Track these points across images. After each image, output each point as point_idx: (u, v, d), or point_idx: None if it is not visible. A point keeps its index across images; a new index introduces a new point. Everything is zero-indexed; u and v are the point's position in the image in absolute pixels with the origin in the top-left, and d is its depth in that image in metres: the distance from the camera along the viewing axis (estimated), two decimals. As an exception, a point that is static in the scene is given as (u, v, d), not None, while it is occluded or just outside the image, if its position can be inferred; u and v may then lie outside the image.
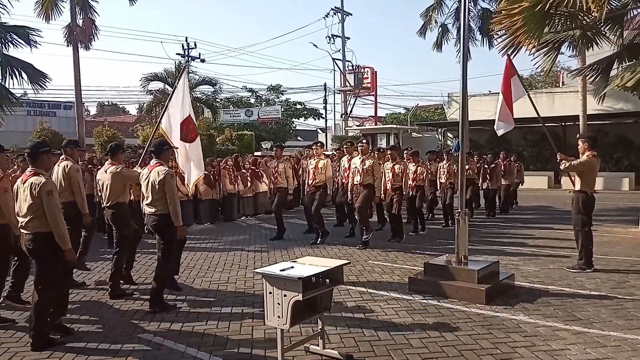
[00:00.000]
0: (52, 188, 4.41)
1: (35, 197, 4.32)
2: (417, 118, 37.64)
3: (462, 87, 6.09)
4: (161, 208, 5.33)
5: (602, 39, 9.68)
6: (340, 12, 31.66)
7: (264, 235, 10.26)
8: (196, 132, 6.99)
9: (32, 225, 4.36)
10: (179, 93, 6.88)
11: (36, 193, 4.32)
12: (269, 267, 3.94)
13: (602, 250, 7.79)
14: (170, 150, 5.91)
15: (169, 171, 5.39)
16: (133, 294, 5.95)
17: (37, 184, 4.33)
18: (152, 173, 5.42)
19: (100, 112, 56.80)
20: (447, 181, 10.92)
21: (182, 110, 6.80)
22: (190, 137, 6.79)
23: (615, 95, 17.29)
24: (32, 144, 4.77)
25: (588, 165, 6.67)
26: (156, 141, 6.00)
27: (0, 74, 12.53)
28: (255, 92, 39.33)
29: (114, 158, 6.27)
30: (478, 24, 22.20)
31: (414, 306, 5.32)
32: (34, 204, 4.33)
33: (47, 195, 4.32)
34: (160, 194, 5.31)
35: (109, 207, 6.15)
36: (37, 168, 4.48)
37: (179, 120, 6.74)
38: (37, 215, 4.34)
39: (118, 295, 5.82)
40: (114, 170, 6.10)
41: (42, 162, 4.53)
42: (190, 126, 6.82)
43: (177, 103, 6.85)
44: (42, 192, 4.31)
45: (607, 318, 4.85)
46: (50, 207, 4.31)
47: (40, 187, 4.32)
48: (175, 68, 26.01)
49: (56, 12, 17.47)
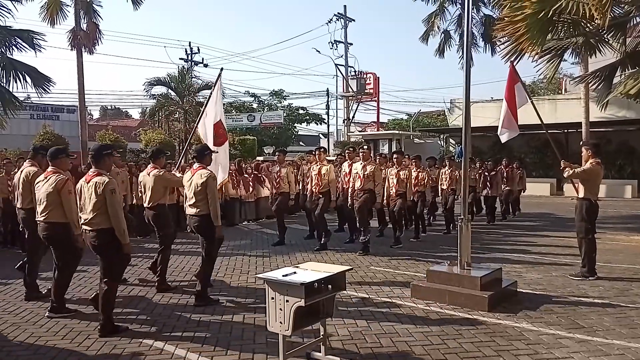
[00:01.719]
0: (114, 187, 4.74)
1: (99, 195, 4.66)
2: (420, 124, 37.61)
3: (465, 93, 6.08)
4: (203, 209, 5.63)
5: (605, 46, 9.67)
6: (343, 18, 31.75)
7: (266, 240, 10.25)
8: (225, 137, 7.36)
9: (96, 222, 4.70)
10: (214, 98, 7.22)
11: (100, 191, 4.65)
12: (271, 272, 3.93)
13: (605, 258, 7.76)
14: (211, 154, 6.12)
15: (211, 174, 5.71)
16: (176, 288, 6.44)
17: (101, 183, 4.68)
18: (195, 176, 5.72)
19: (103, 116, 56.92)
20: (448, 187, 10.91)
21: (214, 114, 7.15)
22: (220, 141, 7.12)
23: (618, 103, 17.28)
24: (96, 146, 5.09)
25: (592, 172, 6.65)
26: (198, 146, 6.30)
27: (4, 77, 12.59)
28: (258, 97, 39.37)
29: (156, 162, 6.60)
30: (481, 31, 22.25)
31: (416, 313, 5.30)
32: (98, 202, 4.67)
33: (110, 193, 4.67)
34: (202, 195, 5.61)
35: (149, 208, 6.46)
36: (100, 169, 4.83)
37: (212, 123, 7.07)
38: (100, 212, 4.67)
39: (164, 290, 6.26)
40: (156, 173, 6.42)
41: (104, 163, 4.88)
42: (220, 130, 7.16)
43: (211, 107, 7.17)
44: (106, 190, 4.66)
45: (611, 326, 4.83)
46: (113, 205, 4.67)
47: (105, 186, 4.67)
48: (178, 72, 26.13)
49: (61, 16, 17.56)
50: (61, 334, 4.80)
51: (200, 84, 26.48)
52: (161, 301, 5.90)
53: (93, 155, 4.89)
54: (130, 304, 5.74)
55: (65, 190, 5.22)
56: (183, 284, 6.67)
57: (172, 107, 25.54)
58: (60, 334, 4.79)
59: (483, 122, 21.47)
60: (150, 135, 20.29)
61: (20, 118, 20.52)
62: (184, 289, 6.43)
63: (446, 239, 10.08)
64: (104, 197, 4.64)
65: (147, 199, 6.46)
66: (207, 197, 5.60)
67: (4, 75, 12.58)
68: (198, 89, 25.86)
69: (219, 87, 7.49)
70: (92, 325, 4.95)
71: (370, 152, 9.02)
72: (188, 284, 6.63)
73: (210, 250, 5.77)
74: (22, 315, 5.38)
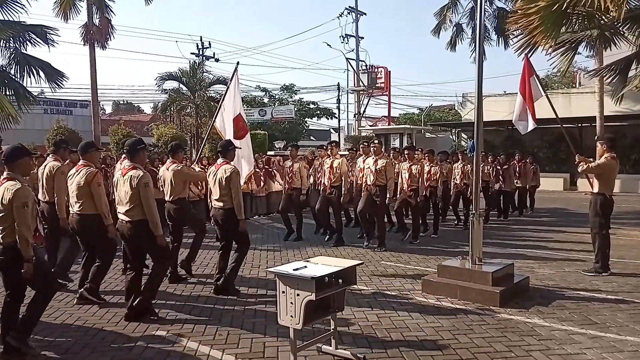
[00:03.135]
0: (148, 180, 4.88)
1: (134, 188, 4.81)
2: (431, 118, 37.43)
3: (477, 87, 6.03)
4: (228, 203, 5.77)
5: (620, 39, 9.51)
6: (354, 11, 31.58)
7: (277, 234, 10.28)
8: (246, 129, 7.43)
9: (132, 214, 4.87)
10: (231, 92, 7.29)
11: (135, 185, 4.81)
12: (282, 266, 3.95)
13: (618, 254, 7.67)
14: (235, 150, 6.21)
15: (234, 169, 5.86)
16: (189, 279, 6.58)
17: (136, 177, 4.83)
18: (219, 171, 5.85)
19: (115, 111, 57.31)
20: (461, 181, 10.85)
21: (233, 108, 7.22)
22: (241, 134, 7.21)
23: (633, 97, 17.04)
24: (131, 141, 5.20)
25: (607, 167, 6.57)
26: (223, 142, 6.37)
27: (19, 72, 12.70)
28: (269, 92, 39.40)
29: (175, 157, 6.66)
30: (493, 24, 22.01)
31: (427, 308, 5.29)
32: (133, 194, 4.83)
33: (145, 186, 4.82)
34: (227, 190, 5.74)
35: (171, 202, 6.56)
36: (135, 163, 4.97)
37: (231, 117, 7.15)
38: (136, 205, 4.84)
39: (177, 280, 6.42)
40: (175, 168, 6.51)
41: (139, 157, 5.04)
42: (240, 124, 7.25)
43: (229, 102, 7.25)
44: (140, 183, 4.81)
45: (624, 322, 4.78)
46: (147, 197, 4.82)
47: (139, 179, 4.82)
48: (190, 67, 26.19)
49: (74, 11, 17.66)
50: (106, 317, 5.06)
51: (212, 79, 26.55)
52: (175, 292, 5.97)
53: (128, 149, 5.03)
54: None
55: (95, 182, 5.36)
56: (197, 275, 6.71)
57: (183, 102, 25.62)
58: (106, 318, 5.05)
59: (495, 116, 21.28)
60: (162, 129, 20.33)
61: (34, 113, 20.84)
62: (199, 279, 6.54)
63: (457, 234, 10.03)
64: (138, 190, 4.80)
65: (168, 193, 6.58)
66: (230, 192, 5.72)
67: (18, 70, 12.69)
68: (209, 84, 25.91)
69: (236, 81, 7.54)
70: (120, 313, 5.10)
71: (381, 147, 8.96)
72: (203, 275, 6.74)
73: (241, 242, 5.93)
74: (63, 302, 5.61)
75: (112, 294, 5.83)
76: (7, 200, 3.98)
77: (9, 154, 4.19)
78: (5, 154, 4.24)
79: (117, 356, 4.14)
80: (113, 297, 5.71)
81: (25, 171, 4.30)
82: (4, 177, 4.14)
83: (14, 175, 4.11)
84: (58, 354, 4.18)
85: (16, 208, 3.96)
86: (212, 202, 6.03)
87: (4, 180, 4.11)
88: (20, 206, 3.96)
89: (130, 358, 4.11)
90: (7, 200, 3.98)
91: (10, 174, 4.12)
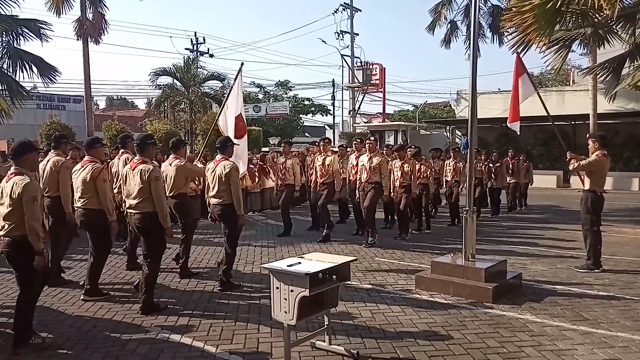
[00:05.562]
0: (158, 174, 5.01)
1: (144, 181, 4.92)
2: (426, 115, 37.46)
3: (471, 84, 6.05)
4: (226, 198, 5.82)
5: (613, 37, 9.56)
6: (349, 7, 31.60)
7: (271, 231, 10.28)
8: (245, 129, 7.53)
9: (142, 206, 4.97)
10: (235, 91, 7.38)
11: (145, 178, 4.92)
12: (276, 262, 3.95)
13: (610, 251, 7.74)
14: (233, 146, 6.27)
15: (233, 165, 5.91)
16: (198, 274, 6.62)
17: (146, 171, 4.94)
18: (218, 167, 5.90)
19: (109, 106, 57.03)
20: (452, 179, 10.89)
21: (236, 107, 7.31)
22: (240, 134, 7.30)
23: (626, 95, 17.15)
24: (141, 136, 5.38)
25: (598, 164, 6.62)
26: (221, 138, 6.45)
27: (11, 67, 12.60)
28: (264, 88, 39.32)
29: (177, 152, 6.74)
30: (488, 21, 22.08)
31: (420, 304, 5.31)
32: (143, 188, 4.93)
33: (155, 180, 4.93)
34: (226, 185, 5.79)
35: (172, 197, 6.59)
36: (144, 157, 5.08)
37: (233, 116, 7.25)
38: (145, 198, 4.94)
39: (187, 275, 6.46)
40: (178, 163, 6.59)
41: (148, 151, 5.15)
42: (240, 123, 7.34)
43: (233, 100, 7.33)
44: (151, 177, 4.92)
45: (615, 319, 4.83)
46: (157, 191, 4.93)
47: (149, 173, 4.93)
48: (184, 63, 26.08)
49: (67, 6, 17.61)
50: (100, 313, 5.08)
51: (206, 75, 26.45)
52: (169, 287, 5.96)
53: (138, 144, 5.15)
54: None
55: (100, 178, 5.44)
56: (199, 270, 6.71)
57: (177, 98, 25.51)
58: (100, 314, 5.07)
59: (489, 114, 21.35)
60: (156, 125, 20.23)
61: (27, 108, 20.60)
62: (202, 275, 6.61)
63: (451, 231, 10.08)
64: (148, 184, 4.90)
65: (169, 188, 6.59)
66: (229, 187, 5.78)
67: (11, 65, 12.58)
68: (204, 80, 25.80)
69: (240, 81, 7.63)
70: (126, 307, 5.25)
71: (376, 144, 8.97)
72: (206, 270, 6.85)
73: (232, 237, 5.95)
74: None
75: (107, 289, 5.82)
76: (17, 195, 4.03)
77: (17, 149, 4.27)
78: (12, 149, 4.33)
79: (110, 352, 4.13)
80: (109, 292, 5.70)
81: (32, 166, 4.36)
82: (12, 171, 4.20)
83: (22, 170, 4.17)
84: (51, 350, 4.17)
85: (26, 202, 4.02)
86: (210, 198, 6.05)
87: (12, 175, 4.16)
88: (30, 200, 4.03)
89: (124, 354, 4.10)
90: (16, 194, 4.04)
91: (18, 168, 4.18)
